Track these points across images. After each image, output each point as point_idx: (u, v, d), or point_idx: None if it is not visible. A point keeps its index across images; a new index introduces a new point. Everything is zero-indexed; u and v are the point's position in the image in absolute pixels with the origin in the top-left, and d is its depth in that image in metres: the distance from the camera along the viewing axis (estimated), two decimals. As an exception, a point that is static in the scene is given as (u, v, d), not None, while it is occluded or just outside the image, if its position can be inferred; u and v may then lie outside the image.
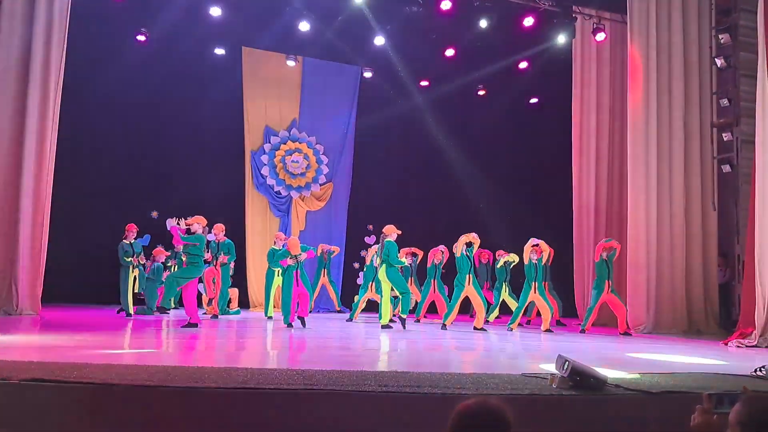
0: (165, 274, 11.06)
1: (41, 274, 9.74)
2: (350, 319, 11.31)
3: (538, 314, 11.24)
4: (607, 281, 10.27)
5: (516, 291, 11.20)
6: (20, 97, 9.65)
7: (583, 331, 10.23)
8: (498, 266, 11.42)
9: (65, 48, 9.96)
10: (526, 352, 7.54)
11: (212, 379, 3.84)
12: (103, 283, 12.17)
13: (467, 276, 10.01)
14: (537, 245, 10.40)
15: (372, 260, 11.63)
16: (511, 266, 11.47)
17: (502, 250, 11.50)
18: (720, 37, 11.09)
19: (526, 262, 10.41)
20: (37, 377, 3.63)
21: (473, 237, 10.15)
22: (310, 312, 10.65)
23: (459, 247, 10.02)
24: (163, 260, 11.12)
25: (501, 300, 11.53)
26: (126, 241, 10.50)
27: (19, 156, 9.59)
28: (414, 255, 12.45)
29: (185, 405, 3.58)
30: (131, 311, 10.31)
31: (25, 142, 9.61)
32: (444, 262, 11.58)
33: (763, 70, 8.94)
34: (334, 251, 13.24)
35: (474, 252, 10.33)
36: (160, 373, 3.96)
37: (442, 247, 11.47)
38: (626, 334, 10.16)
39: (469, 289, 10.05)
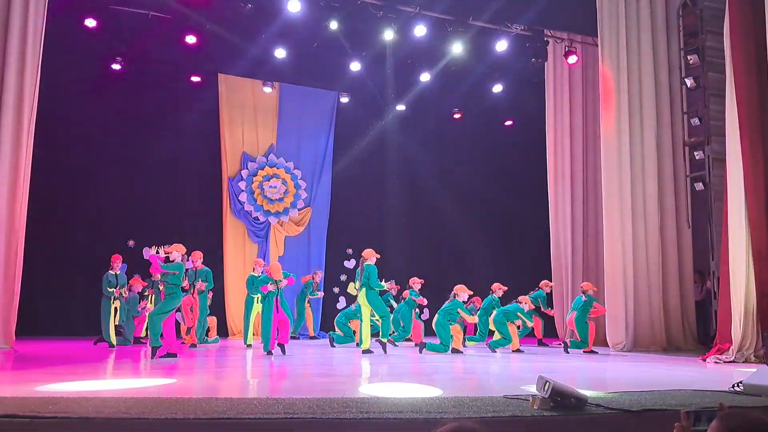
0: (141, 304, 10.93)
1: (15, 306, 9.51)
2: (333, 345, 11.22)
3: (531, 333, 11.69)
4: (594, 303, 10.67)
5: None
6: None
7: (592, 351, 10.30)
8: (492, 298, 11.38)
9: (39, 77, 9.87)
10: (507, 373, 7.53)
11: (191, 410, 3.78)
12: (78, 315, 12.00)
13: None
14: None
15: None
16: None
17: (499, 284, 11.49)
18: (689, 58, 11.32)
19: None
20: (9, 413, 3.55)
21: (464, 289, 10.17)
22: (292, 338, 10.55)
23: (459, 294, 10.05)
24: (140, 290, 11.00)
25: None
26: (111, 272, 10.41)
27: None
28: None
29: (164, 437, 3.52)
30: (114, 342, 10.16)
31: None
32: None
33: (731, 89, 9.14)
34: (317, 277, 13.12)
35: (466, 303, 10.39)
36: (138, 405, 3.90)
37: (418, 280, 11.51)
38: (592, 352, 10.30)
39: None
